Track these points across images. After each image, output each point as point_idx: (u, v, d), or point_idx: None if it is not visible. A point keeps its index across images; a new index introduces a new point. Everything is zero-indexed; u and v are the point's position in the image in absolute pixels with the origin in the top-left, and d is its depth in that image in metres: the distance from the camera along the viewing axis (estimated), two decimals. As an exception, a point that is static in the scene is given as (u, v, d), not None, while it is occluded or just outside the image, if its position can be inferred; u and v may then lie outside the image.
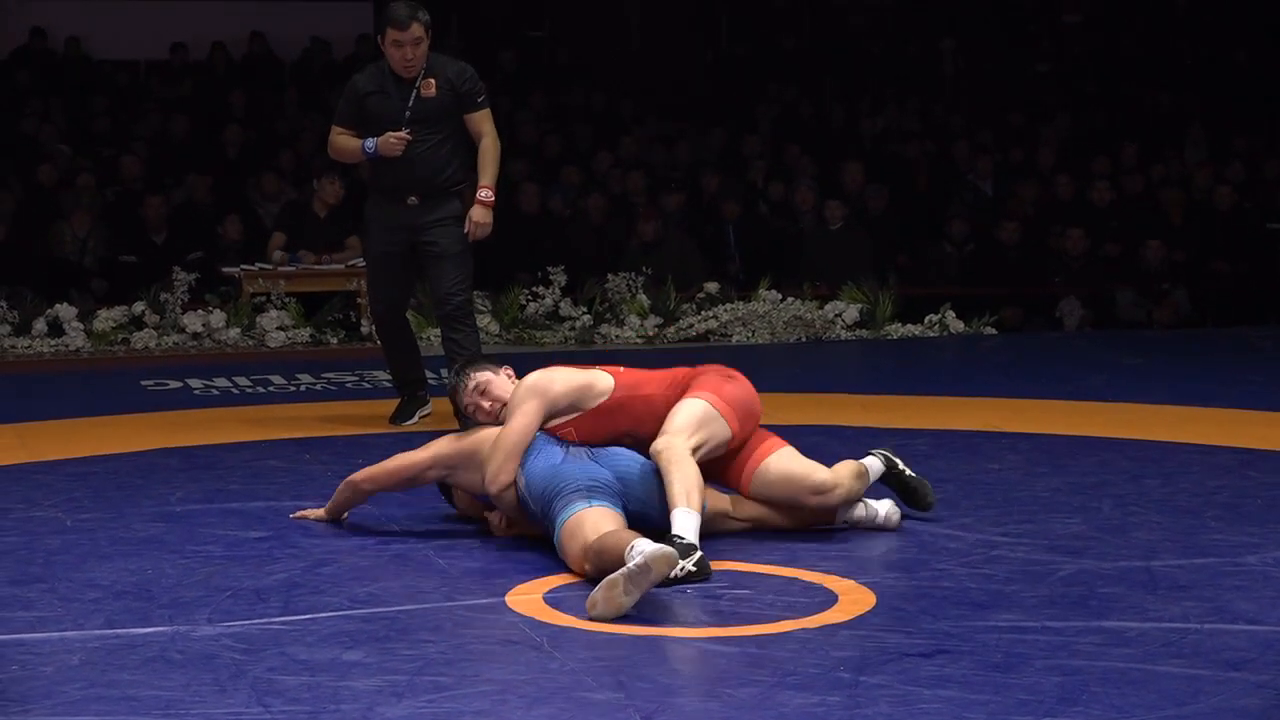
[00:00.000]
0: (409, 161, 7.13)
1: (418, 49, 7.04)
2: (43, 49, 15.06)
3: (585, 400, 5.16)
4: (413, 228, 7.20)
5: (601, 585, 4.30)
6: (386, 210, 7.26)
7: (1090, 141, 14.41)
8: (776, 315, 10.85)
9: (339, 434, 7.21)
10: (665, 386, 5.23)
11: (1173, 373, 9.08)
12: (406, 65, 7.06)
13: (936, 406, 7.90)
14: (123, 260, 11.58)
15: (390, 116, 7.13)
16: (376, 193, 7.36)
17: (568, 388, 5.14)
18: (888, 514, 5.30)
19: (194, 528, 5.41)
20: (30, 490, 6.04)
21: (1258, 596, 4.48)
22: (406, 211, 7.19)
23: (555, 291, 10.97)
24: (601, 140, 14.06)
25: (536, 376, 5.17)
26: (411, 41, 7.01)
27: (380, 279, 7.43)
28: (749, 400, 5.24)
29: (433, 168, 7.16)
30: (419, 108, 7.11)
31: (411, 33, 7.01)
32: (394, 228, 7.23)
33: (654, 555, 4.31)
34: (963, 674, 3.83)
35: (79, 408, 8.14)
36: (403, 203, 7.18)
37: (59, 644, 4.12)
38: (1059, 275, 12.06)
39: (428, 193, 7.18)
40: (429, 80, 7.10)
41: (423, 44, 7.05)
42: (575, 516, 4.73)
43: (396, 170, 7.16)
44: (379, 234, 7.34)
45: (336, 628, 4.25)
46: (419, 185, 7.17)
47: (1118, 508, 5.60)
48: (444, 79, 7.13)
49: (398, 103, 7.13)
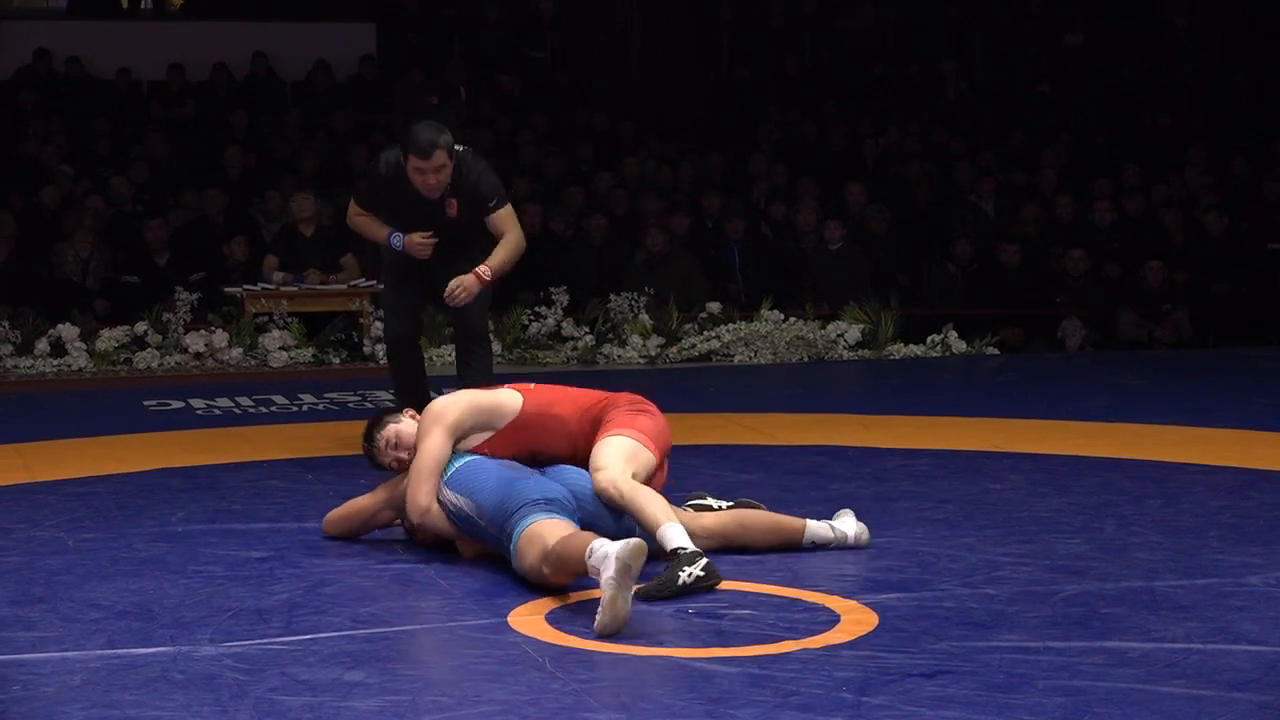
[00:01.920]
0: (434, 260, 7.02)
1: (440, 175, 6.79)
2: (46, 70, 15.09)
3: (495, 420, 5.32)
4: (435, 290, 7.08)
5: (603, 607, 4.31)
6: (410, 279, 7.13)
7: (1091, 163, 14.43)
8: (779, 335, 10.86)
9: (341, 454, 7.20)
10: (577, 409, 5.39)
11: (1174, 393, 9.08)
12: (429, 190, 6.83)
13: (939, 427, 7.90)
14: (125, 280, 11.59)
15: (410, 213, 6.97)
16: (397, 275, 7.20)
17: (471, 409, 5.29)
18: (857, 534, 5.31)
19: (196, 548, 5.41)
20: (32, 510, 6.04)
21: (1260, 617, 4.47)
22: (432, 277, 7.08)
23: (557, 311, 10.99)
24: (603, 161, 14.08)
25: (436, 404, 5.34)
26: (434, 170, 6.76)
27: (394, 308, 7.27)
28: (662, 429, 5.37)
29: (457, 264, 6.97)
30: (442, 223, 6.97)
31: (434, 161, 6.74)
32: (417, 263, 7.07)
33: (624, 552, 4.33)
34: (965, 694, 3.83)
35: (81, 428, 8.14)
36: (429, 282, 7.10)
37: (60, 664, 4.12)
38: (1060, 296, 12.06)
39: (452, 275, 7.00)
40: (451, 200, 6.92)
41: (445, 169, 6.80)
42: (533, 526, 4.78)
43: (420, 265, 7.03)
44: (400, 264, 7.12)
45: (338, 648, 4.25)
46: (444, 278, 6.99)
47: (1120, 528, 5.59)
48: (464, 194, 6.93)
49: (422, 215, 6.95)
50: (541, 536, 4.69)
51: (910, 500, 6.09)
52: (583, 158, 14.28)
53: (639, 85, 16.48)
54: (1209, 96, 16.13)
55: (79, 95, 14.86)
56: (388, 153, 7.06)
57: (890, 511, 5.83)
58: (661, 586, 4.70)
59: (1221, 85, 16.31)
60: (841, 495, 6.15)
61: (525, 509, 4.86)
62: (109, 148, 13.94)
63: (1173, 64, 16.64)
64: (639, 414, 5.34)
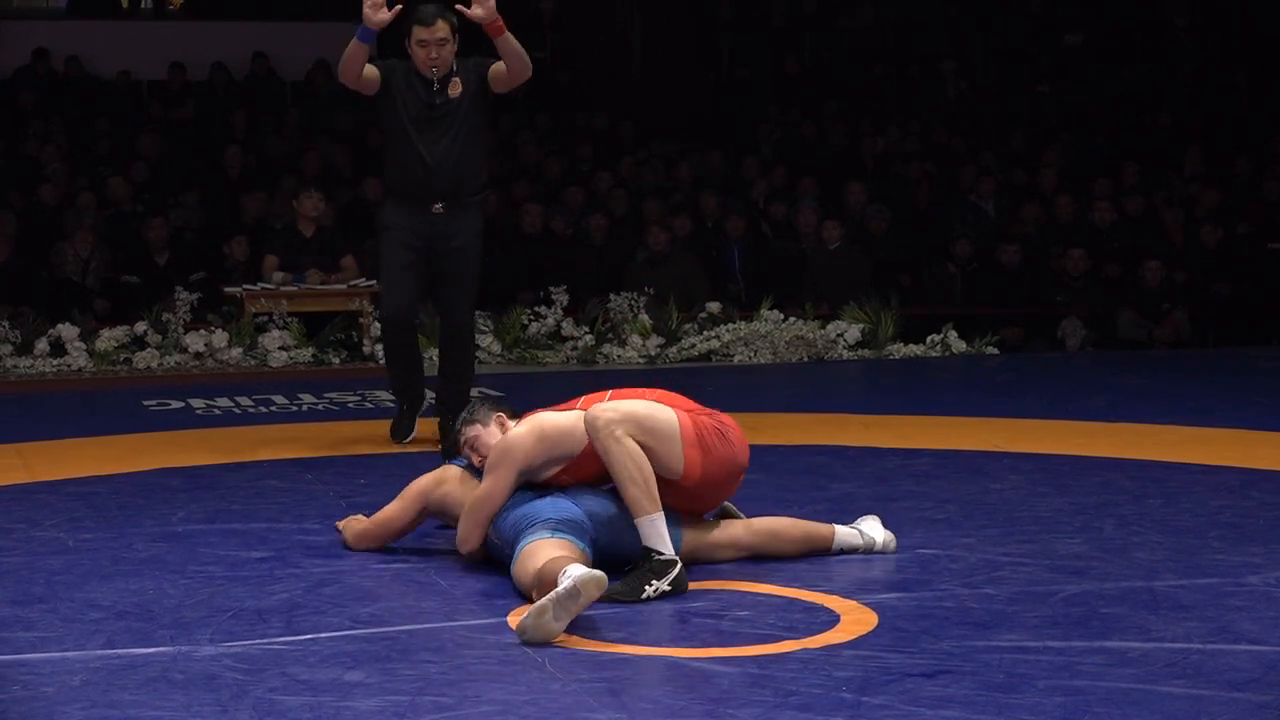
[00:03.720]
0: (434, 165, 6.95)
1: (443, 49, 6.82)
2: (45, 70, 15.09)
3: (565, 448, 4.94)
4: (435, 236, 7.03)
5: (531, 611, 4.26)
6: (408, 218, 7.04)
7: (1091, 162, 14.43)
8: (778, 335, 10.86)
9: (341, 454, 7.21)
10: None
11: (1174, 393, 9.08)
12: (431, 64, 6.83)
13: (938, 426, 7.90)
14: (125, 280, 11.59)
15: (413, 118, 6.94)
16: (396, 198, 7.14)
17: (539, 443, 4.93)
18: (885, 541, 5.28)
19: (196, 548, 5.40)
20: (32, 510, 6.03)
21: (1260, 617, 4.47)
22: (430, 220, 7.01)
23: (557, 311, 10.98)
24: (603, 161, 14.08)
25: (508, 440, 4.97)
26: (437, 41, 6.80)
27: (395, 283, 7.14)
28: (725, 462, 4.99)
29: (458, 172, 6.98)
30: (447, 108, 6.93)
31: (437, 31, 6.80)
32: (415, 234, 7.03)
33: (583, 579, 4.26)
34: (965, 694, 3.83)
35: (81, 428, 8.14)
36: (427, 210, 7.01)
37: (60, 664, 4.12)
38: (1060, 295, 12.07)
39: (453, 200, 7.00)
40: (455, 80, 6.91)
41: (448, 44, 6.83)
42: (533, 544, 4.73)
43: (420, 174, 6.97)
44: (398, 239, 7.08)
45: (338, 648, 4.25)
46: (444, 192, 6.99)
47: (1120, 528, 5.59)
48: (465, 74, 6.95)
49: (420, 106, 6.94)
50: (535, 556, 4.65)
51: (910, 500, 6.09)
52: (583, 158, 14.28)
53: (639, 85, 16.47)
54: (1209, 96, 16.13)
55: (79, 95, 14.86)
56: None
57: (890, 511, 5.82)
58: (625, 593, 4.63)
59: (1221, 85, 16.31)
60: (842, 495, 6.15)
61: (534, 528, 4.81)
62: (109, 148, 13.94)
63: (1173, 64, 16.64)
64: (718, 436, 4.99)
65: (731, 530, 5.16)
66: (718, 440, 5.00)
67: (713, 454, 4.97)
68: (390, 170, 7.19)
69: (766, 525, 5.21)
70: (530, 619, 4.25)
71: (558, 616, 4.24)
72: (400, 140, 7.01)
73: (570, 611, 4.26)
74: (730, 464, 5.04)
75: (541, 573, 4.51)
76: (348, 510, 5.73)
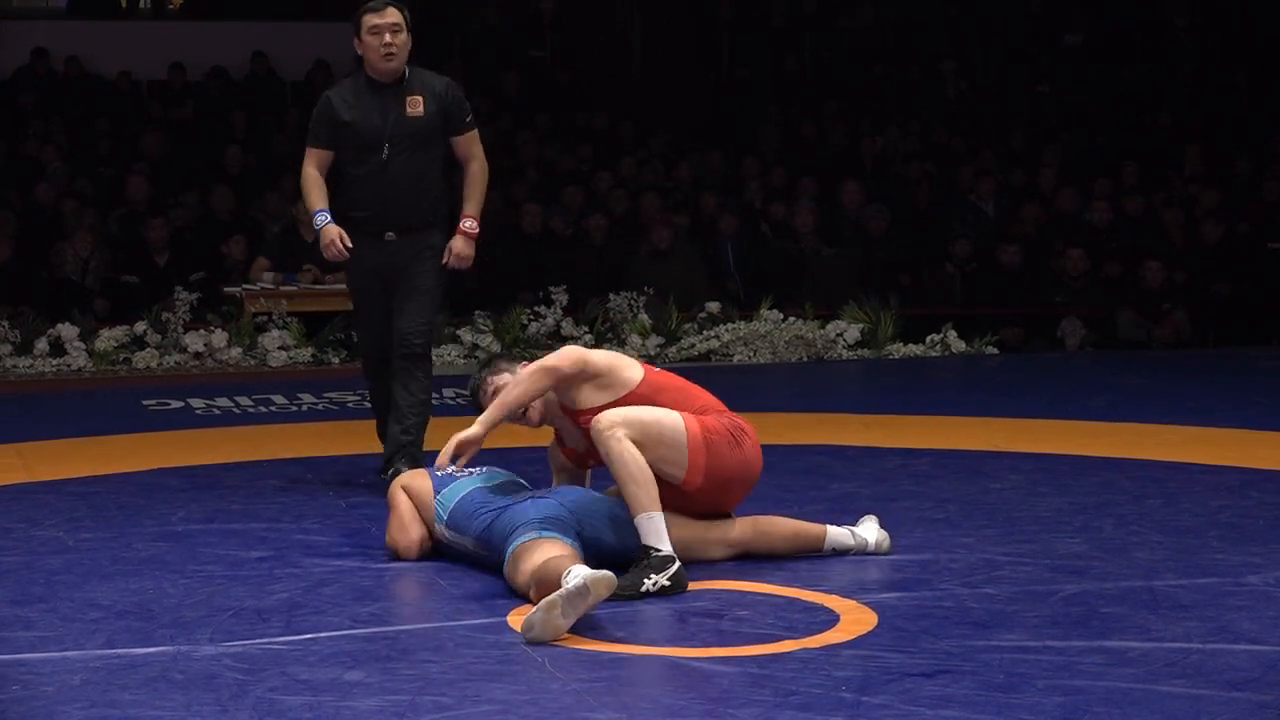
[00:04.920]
0: (386, 191, 6.30)
1: (398, 36, 6.20)
2: (45, 70, 15.09)
3: (613, 382, 5.01)
4: (390, 266, 6.36)
5: (540, 607, 4.27)
6: (361, 249, 6.34)
7: (1091, 162, 14.43)
8: (778, 335, 10.86)
9: (341, 454, 7.21)
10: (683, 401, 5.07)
11: (1174, 393, 9.09)
12: (386, 53, 6.20)
13: (938, 426, 7.90)
14: (124, 280, 11.59)
15: (370, 138, 6.31)
16: (347, 225, 6.36)
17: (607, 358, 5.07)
18: (878, 541, 5.27)
19: (195, 547, 5.41)
20: (31, 510, 6.04)
21: (1260, 616, 4.47)
22: (383, 249, 6.35)
23: (557, 311, 10.98)
24: (603, 161, 14.08)
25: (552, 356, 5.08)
26: (390, 27, 6.19)
27: (364, 324, 6.60)
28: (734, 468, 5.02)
29: (413, 198, 6.33)
30: (402, 127, 6.30)
31: (388, 15, 6.20)
32: (370, 268, 6.39)
33: (593, 578, 4.29)
34: (965, 694, 3.83)
35: (80, 427, 8.14)
36: (379, 239, 6.35)
37: (60, 664, 4.12)
38: (1060, 295, 12.07)
39: (406, 228, 6.34)
40: (415, 98, 6.30)
41: (402, 32, 6.22)
42: (526, 543, 4.73)
43: (372, 201, 6.32)
44: (355, 275, 6.50)
45: (338, 648, 4.25)
46: (397, 219, 6.34)
47: (1120, 527, 5.59)
48: (431, 96, 6.32)
49: (377, 121, 6.30)
50: (530, 557, 4.66)
51: (910, 500, 6.09)
52: (583, 158, 14.28)
53: (639, 85, 16.47)
54: (1209, 96, 16.13)
55: (79, 95, 14.86)
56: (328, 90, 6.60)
57: (890, 511, 5.83)
58: (625, 588, 4.62)
59: (1221, 85, 16.31)
60: (841, 495, 6.16)
61: (521, 529, 4.82)
62: (109, 148, 13.94)
63: (1173, 64, 16.64)
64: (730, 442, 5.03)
65: (722, 528, 5.16)
66: (728, 446, 5.02)
67: (720, 459, 4.99)
68: (345, 195, 6.46)
69: (757, 524, 5.21)
70: (539, 614, 4.25)
71: (565, 614, 4.25)
72: (355, 162, 6.37)
73: (578, 610, 4.27)
74: (740, 470, 5.06)
75: (541, 571, 4.51)
76: (348, 510, 5.73)
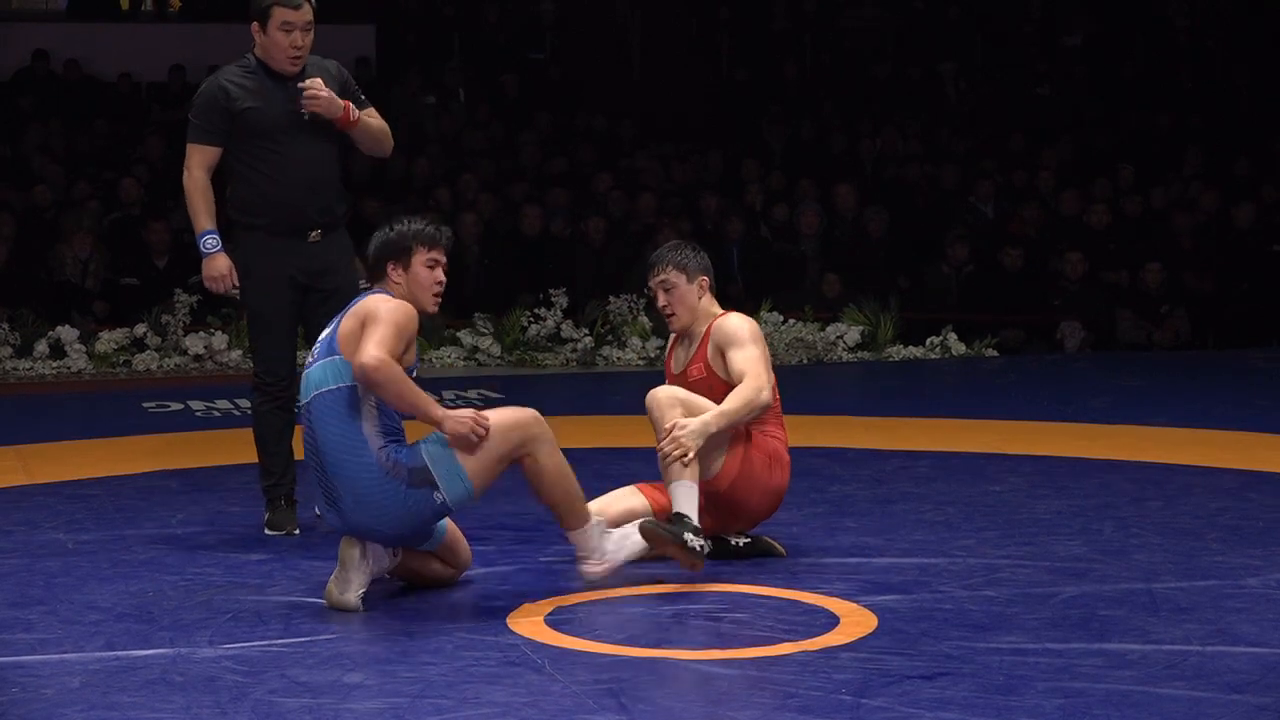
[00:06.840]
0: (296, 185, 5.66)
1: (307, 37, 5.67)
2: (45, 71, 15.09)
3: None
4: (309, 272, 5.69)
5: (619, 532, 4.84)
6: (279, 254, 5.67)
7: (1090, 164, 14.42)
8: (778, 337, 10.86)
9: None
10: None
11: (1174, 395, 9.08)
12: (294, 56, 5.65)
13: (938, 428, 7.90)
14: (124, 283, 11.59)
15: (273, 127, 5.67)
16: (259, 231, 5.69)
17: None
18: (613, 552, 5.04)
19: (195, 550, 5.41)
20: (31, 512, 6.04)
21: (1260, 619, 4.48)
22: (306, 252, 5.69)
23: (557, 313, 10.97)
24: (603, 161, 14.08)
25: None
26: (303, 26, 5.63)
27: (272, 341, 5.75)
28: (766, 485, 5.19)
29: (332, 190, 5.77)
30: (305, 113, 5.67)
31: (305, 13, 5.64)
32: (287, 275, 5.67)
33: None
34: (964, 696, 3.83)
35: (80, 429, 8.14)
36: (304, 240, 5.69)
37: (59, 666, 4.12)
38: (1059, 298, 12.06)
39: (328, 224, 5.76)
40: (315, 81, 5.68)
41: (311, 33, 5.69)
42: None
43: (291, 199, 5.65)
44: (264, 285, 5.69)
45: (337, 650, 4.25)
46: (320, 215, 5.72)
47: (1119, 530, 5.59)
48: (328, 78, 5.73)
49: (280, 109, 5.67)
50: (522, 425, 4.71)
51: (910, 502, 6.09)
52: (583, 158, 14.28)
53: (639, 85, 16.47)
54: (1209, 96, 16.12)
55: (78, 97, 14.86)
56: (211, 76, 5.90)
57: (890, 513, 5.84)
58: (669, 529, 4.82)
59: (1221, 85, 16.30)
60: (841, 497, 6.16)
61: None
62: (109, 150, 13.93)
63: (1173, 64, 16.64)
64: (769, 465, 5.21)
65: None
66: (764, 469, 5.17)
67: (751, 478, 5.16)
68: (246, 195, 5.73)
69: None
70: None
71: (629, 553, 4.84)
72: (261, 156, 5.68)
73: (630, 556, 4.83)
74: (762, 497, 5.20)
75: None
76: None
